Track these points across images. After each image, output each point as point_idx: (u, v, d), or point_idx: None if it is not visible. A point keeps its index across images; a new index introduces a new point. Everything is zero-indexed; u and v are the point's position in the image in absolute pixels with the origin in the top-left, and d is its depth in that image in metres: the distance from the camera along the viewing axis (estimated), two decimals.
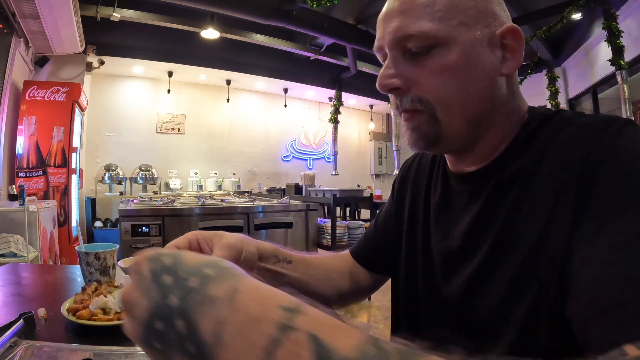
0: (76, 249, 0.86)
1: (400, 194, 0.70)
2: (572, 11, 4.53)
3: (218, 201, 3.20)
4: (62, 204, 4.05)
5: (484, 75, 0.48)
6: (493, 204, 0.50)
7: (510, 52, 0.49)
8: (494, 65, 0.49)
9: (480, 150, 0.52)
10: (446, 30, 0.47)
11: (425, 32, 0.47)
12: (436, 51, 0.47)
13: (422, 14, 0.47)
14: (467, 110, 0.49)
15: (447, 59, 0.47)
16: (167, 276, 0.27)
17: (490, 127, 0.51)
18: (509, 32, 0.49)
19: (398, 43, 0.49)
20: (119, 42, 5.12)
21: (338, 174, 7.46)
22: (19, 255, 2.43)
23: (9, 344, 0.53)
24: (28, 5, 3.18)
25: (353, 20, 5.64)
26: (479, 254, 0.50)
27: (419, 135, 0.51)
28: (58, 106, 4.05)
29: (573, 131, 0.46)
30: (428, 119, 0.50)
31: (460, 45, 0.47)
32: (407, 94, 0.50)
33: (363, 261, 0.74)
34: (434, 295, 0.57)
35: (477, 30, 0.48)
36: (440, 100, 0.48)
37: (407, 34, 0.48)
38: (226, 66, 5.96)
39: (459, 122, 0.49)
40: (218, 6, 4.39)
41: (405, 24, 0.48)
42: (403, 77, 0.49)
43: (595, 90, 5.28)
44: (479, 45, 0.48)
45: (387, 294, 0.69)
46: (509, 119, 0.51)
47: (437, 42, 0.47)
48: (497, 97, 0.50)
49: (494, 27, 0.49)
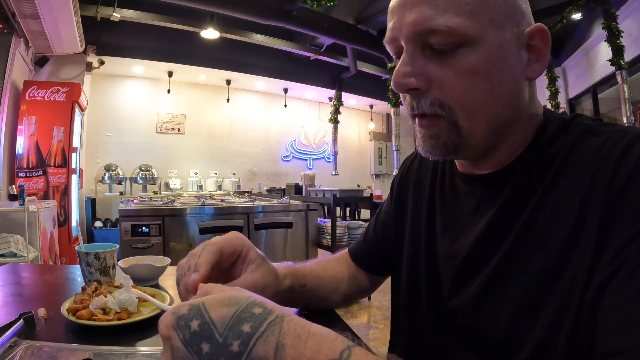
0: (76, 249, 0.86)
1: (401, 194, 0.68)
2: (572, 11, 4.53)
3: (218, 201, 3.20)
4: (62, 204, 4.05)
5: (511, 79, 0.44)
6: (508, 210, 0.46)
7: (536, 54, 0.45)
8: (521, 68, 0.45)
9: (497, 156, 0.49)
10: (475, 28, 0.42)
11: (452, 28, 0.41)
12: (462, 50, 0.42)
13: (450, 6, 0.41)
14: (491, 117, 0.45)
15: (474, 60, 0.42)
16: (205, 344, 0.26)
17: (510, 133, 0.47)
18: (538, 33, 0.45)
19: (418, 37, 0.43)
20: (119, 42, 5.12)
21: (338, 174, 7.45)
22: (19, 255, 2.43)
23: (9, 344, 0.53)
24: (28, 5, 3.18)
25: (353, 20, 5.64)
26: (490, 263, 0.47)
27: (438, 143, 0.46)
28: (58, 106, 4.05)
29: (598, 143, 0.42)
30: (449, 126, 0.45)
31: (489, 45, 0.42)
32: (425, 95, 0.45)
33: (362, 263, 0.72)
34: (436, 301, 0.54)
35: (506, 29, 0.43)
36: (464, 106, 0.44)
37: (430, 28, 0.42)
38: (226, 66, 5.96)
39: (482, 130, 0.45)
40: (218, 6, 4.39)
41: (429, 16, 0.42)
42: (423, 76, 0.44)
43: (595, 90, 5.28)
44: (508, 46, 0.43)
45: (387, 294, 0.69)
46: (527, 123, 0.48)
47: (464, 40, 0.42)
48: (521, 102, 0.46)
49: (522, 26, 0.45)
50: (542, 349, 0.40)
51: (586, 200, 0.40)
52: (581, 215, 0.40)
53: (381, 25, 5.94)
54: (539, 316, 0.41)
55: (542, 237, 0.43)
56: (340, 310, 0.76)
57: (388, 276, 0.72)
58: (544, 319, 0.41)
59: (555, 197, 0.43)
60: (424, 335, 0.57)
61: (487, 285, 0.47)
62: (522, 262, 0.44)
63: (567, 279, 0.40)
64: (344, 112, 7.40)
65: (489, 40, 0.42)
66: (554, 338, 0.40)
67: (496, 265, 0.46)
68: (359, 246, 0.74)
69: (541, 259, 0.42)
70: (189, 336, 0.27)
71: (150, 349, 0.56)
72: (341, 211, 5.37)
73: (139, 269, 0.89)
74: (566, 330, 0.39)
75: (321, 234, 3.38)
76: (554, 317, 0.40)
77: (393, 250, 0.66)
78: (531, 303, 0.42)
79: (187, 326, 0.27)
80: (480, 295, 0.47)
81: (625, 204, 0.37)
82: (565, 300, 0.39)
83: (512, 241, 0.45)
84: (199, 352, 0.26)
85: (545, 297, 0.41)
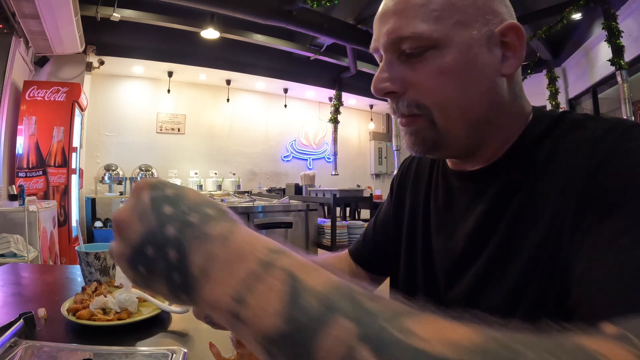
0: (76, 249, 0.86)
1: (400, 194, 0.69)
2: (572, 11, 4.53)
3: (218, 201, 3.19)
4: (62, 204, 4.05)
5: (483, 76, 0.46)
6: (498, 205, 0.49)
7: (511, 50, 0.47)
8: (493, 65, 0.47)
9: (482, 153, 0.51)
10: (442, 31, 0.45)
11: (419, 33, 0.45)
12: (432, 53, 0.45)
13: (417, 14, 0.45)
14: (466, 115, 0.47)
15: (443, 60, 0.45)
16: (168, 207, 0.28)
17: (493, 130, 0.49)
18: (510, 30, 0.47)
19: (393, 45, 0.47)
20: (119, 42, 5.12)
21: (338, 174, 7.45)
22: (19, 255, 2.43)
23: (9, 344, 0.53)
24: (28, 5, 3.18)
25: (353, 20, 5.64)
26: (482, 257, 0.49)
27: (418, 139, 0.49)
28: (58, 106, 4.05)
29: (582, 135, 0.44)
30: (426, 123, 0.48)
31: (457, 45, 0.45)
32: (403, 97, 0.48)
33: (362, 262, 0.73)
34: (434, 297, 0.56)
35: (474, 29, 0.45)
36: (438, 105, 0.47)
37: (401, 36, 0.46)
38: (226, 66, 5.96)
39: (459, 127, 0.48)
40: (218, 6, 4.39)
41: (399, 25, 0.46)
42: (398, 80, 0.48)
43: (595, 90, 5.28)
44: (477, 44, 0.46)
45: (387, 294, 0.69)
46: (512, 120, 0.50)
47: (432, 43, 0.45)
48: (498, 98, 0.48)
49: (493, 25, 0.47)
50: None
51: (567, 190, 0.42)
52: (562, 204, 0.42)
53: None
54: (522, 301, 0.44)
55: (530, 229, 0.45)
56: None
57: (388, 276, 0.72)
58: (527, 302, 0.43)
59: (540, 190, 0.45)
60: None
61: (480, 278, 0.49)
62: (513, 254, 0.46)
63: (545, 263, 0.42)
64: (344, 112, 7.40)
65: (456, 42, 0.45)
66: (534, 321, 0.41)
67: (488, 258, 0.48)
68: (359, 246, 0.75)
69: (528, 251, 0.44)
70: (159, 197, 0.28)
71: (151, 349, 0.56)
72: (341, 211, 5.37)
73: None
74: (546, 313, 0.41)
75: (321, 234, 3.38)
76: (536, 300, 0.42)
77: (392, 250, 0.67)
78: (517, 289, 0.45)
79: (161, 189, 0.29)
80: (474, 288, 0.50)
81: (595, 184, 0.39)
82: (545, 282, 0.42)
83: (502, 234, 0.47)
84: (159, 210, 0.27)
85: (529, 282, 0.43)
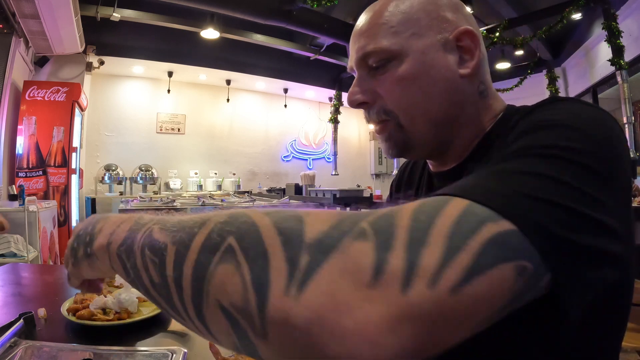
0: None
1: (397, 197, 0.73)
2: (572, 11, 4.53)
3: (218, 201, 3.20)
4: (62, 204, 4.05)
5: (440, 78, 0.50)
6: None
7: (467, 53, 0.51)
8: (450, 68, 0.50)
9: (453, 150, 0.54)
10: (399, 43, 0.50)
11: (380, 48, 0.50)
12: (393, 64, 0.50)
13: (379, 32, 0.50)
14: (428, 114, 0.51)
15: (401, 69, 0.50)
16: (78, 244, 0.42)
17: (459, 128, 0.52)
18: (464, 35, 0.51)
19: (361, 61, 0.53)
20: (119, 42, 5.13)
21: (338, 174, 7.45)
22: (19, 255, 2.43)
23: (9, 344, 0.53)
24: (28, 5, 3.18)
25: (353, 20, 5.63)
26: None
27: (391, 143, 0.54)
28: (58, 106, 4.05)
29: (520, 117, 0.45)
30: (395, 127, 0.53)
31: (413, 54, 0.50)
32: (373, 107, 0.53)
33: None
34: None
35: (428, 37, 0.50)
36: (402, 108, 0.51)
37: (366, 52, 0.51)
38: (226, 66, 5.96)
39: (423, 127, 0.52)
40: (218, 6, 4.40)
41: (365, 43, 0.51)
42: (368, 92, 0.53)
43: (595, 90, 5.28)
44: (432, 51, 0.50)
45: None
46: (479, 118, 0.53)
47: (392, 55, 0.50)
48: (460, 98, 0.51)
49: (446, 32, 0.51)
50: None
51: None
52: None
53: None
54: None
55: None
56: None
57: None
58: None
59: None
60: None
61: None
62: None
63: None
64: (344, 112, 7.40)
65: (413, 51, 0.50)
66: None
67: None
68: None
69: None
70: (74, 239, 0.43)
71: (151, 349, 0.56)
72: None
73: None
74: None
75: None
76: None
77: None
78: None
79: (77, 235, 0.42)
80: None
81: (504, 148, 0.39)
82: None
83: None
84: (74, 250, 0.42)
85: None
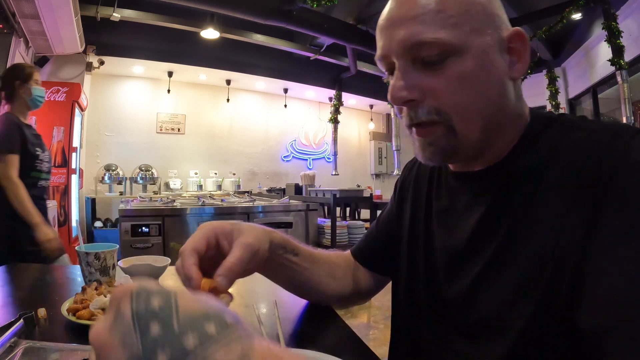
0: (76, 249, 0.86)
1: (402, 196, 0.71)
2: (572, 11, 4.53)
3: (218, 201, 3.20)
4: (62, 204, 4.05)
5: (497, 80, 0.48)
6: (499, 204, 0.50)
7: (516, 55, 0.49)
8: (504, 70, 0.48)
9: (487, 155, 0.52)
10: (460, 37, 0.45)
11: (440, 40, 0.45)
12: (451, 59, 0.46)
13: (435, 21, 0.45)
14: (483, 118, 0.48)
15: (462, 67, 0.46)
16: (156, 325, 0.22)
17: (501, 133, 0.50)
18: (515, 36, 0.49)
19: (409, 51, 0.47)
20: (119, 42, 5.12)
21: (338, 174, 7.45)
22: None
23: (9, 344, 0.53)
24: (28, 5, 3.18)
25: (353, 20, 5.64)
26: (484, 254, 0.50)
27: (436, 149, 0.49)
28: (58, 106, 4.05)
29: (582, 136, 0.45)
30: (445, 131, 0.48)
31: (474, 51, 0.46)
32: (421, 105, 0.48)
33: (364, 261, 0.73)
34: (434, 294, 0.57)
35: (487, 35, 0.47)
36: (458, 110, 0.47)
37: (419, 42, 0.45)
38: (226, 66, 5.96)
39: (476, 131, 0.48)
40: (218, 6, 4.39)
41: (417, 31, 0.45)
42: (417, 87, 0.47)
43: (595, 90, 5.28)
44: (491, 50, 0.47)
45: (387, 294, 0.69)
46: (516, 122, 0.51)
47: (452, 50, 0.45)
48: (507, 102, 0.49)
49: (500, 31, 0.48)
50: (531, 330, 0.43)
51: (573, 192, 0.43)
52: (568, 205, 0.43)
53: None
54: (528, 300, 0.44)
55: (532, 229, 0.45)
56: (340, 310, 0.76)
57: (389, 276, 0.72)
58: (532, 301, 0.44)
59: (544, 189, 0.46)
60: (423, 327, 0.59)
61: (481, 276, 0.50)
62: (514, 252, 0.47)
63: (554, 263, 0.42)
64: (344, 112, 7.40)
65: (473, 47, 0.46)
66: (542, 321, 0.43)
67: (489, 256, 0.49)
68: (361, 244, 0.76)
69: (531, 248, 0.45)
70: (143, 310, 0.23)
71: None
72: (341, 211, 5.37)
73: (139, 269, 0.89)
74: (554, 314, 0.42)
75: (321, 234, 3.38)
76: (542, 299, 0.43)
77: (395, 249, 0.68)
78: (522, 288, 0.45)
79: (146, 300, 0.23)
80: (475, 285, 0.51)
81: (611, 194, 0.40)
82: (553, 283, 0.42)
83: (504, 233, 0.48)
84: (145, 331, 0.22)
85: (535, 280, 0.44)
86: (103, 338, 0.23)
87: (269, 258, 0.58)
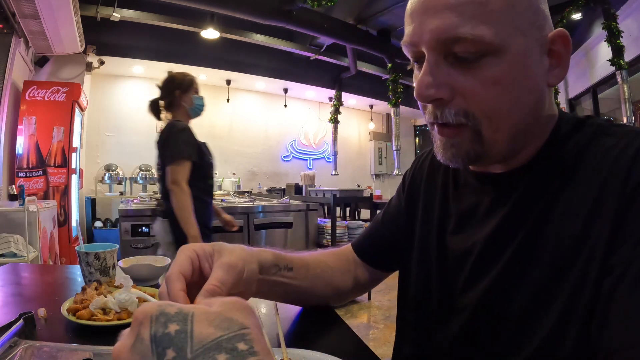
0: (76, 249, 0.86)
1: (412, 192, 0.67)
2: (572, 11, 4.53)
3: (218, 201, 3.19)
4: (62, 204, 4.05)
5: (534, 87, 0.44)
6: (522, 208, 0.47)
7: (557, 59, 0.44)
8: (542, 75, 0.44)
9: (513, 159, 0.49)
10: (501, 36, 0.40)
11: (479, 37, 0.40)
12: (488, 59, 0.41)
13: (476, 14, 0.40)
14: (514, 126, 0.44)
15: (500, 69, 0.41)
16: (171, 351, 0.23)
17: (530, 139, 0.47)
18: (559, 38, 0.44)
19: (442, 44, 0.42)
20: (119, 42, 5.12)
21: (338, 174, 7.45)
22: (19, 255, 2.43)
23: (9, 344, 0.53)
24: (28, 5, 3.17)
25: (353, 20, 5.64)
26: (503, 259, 0.47)
27: (459, 152, 0.46)
28: (58, 106, 4.05)
29: (611, 143, 0.43)
30: (472, 135, 0.45)
31: (513, 53, 0.41)
32: (449, 105, 0.44)
33: (365, 256, 0.71)
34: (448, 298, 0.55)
35: (530, 35, 0.42)
36: (489, 115, 0.43)
37: (456, 36, 0.41)
38: (226, 66, 5.96)
39: (504, 138, 0.45)
40: (218, 6, 4.40)
41: (455, 23, 0.40)
42: (447, 86, 0.43)
43: (595, 90, 5.28)
44: (532, 53, 0.43)
45: (387, 294, 0.69)
46: (546, 127, 0.48)
47: (490, 49, 0.41)
48: (541, 108, 0.46)
49: (545, 31, 0.43)
50: (550, 343, 0.41)
51: (599, 198, 0.41)
52: (593, 212, 0.41)
53: (381, 25, 5.94)
54: (548, 312, 0.42)
55: (554, 235, 0.43)
56: (340, 310, 0.76)
57: (390, 272, 0.71)
58: (553, 314, 0.41)
59: (567, 195, 0.44)
60: (433, 331, 0.56)
61: (498, 282, 0.48)
62: (534, 258, 0.44)
63: (576, 275, 0.40)
64: (344, 112, 7.40)
65: (513, 49, 0.41)
66: (562, 333, 0.41)
67: (508, 261, 0.47)
68: (364, 240, 0.73)
69: (553, 255, 0.43)
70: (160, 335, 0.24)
71: None
72: (341, 211, 5.38)
73: (139, 269, 0.89)
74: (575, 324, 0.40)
75: (321, 234, 3.38)
76: (564, 310, 0.41)
77: (401, 246, 0.66)
78: (541, 299, 0.43)
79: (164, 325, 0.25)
80: (492, 291, 0.48)
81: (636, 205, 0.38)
82: (575, 293, 0.40)
83: (524, 238, 0.46)
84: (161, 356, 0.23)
85: (555, 293, 0.42)
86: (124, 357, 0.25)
87: (261, 280, 0.54)
